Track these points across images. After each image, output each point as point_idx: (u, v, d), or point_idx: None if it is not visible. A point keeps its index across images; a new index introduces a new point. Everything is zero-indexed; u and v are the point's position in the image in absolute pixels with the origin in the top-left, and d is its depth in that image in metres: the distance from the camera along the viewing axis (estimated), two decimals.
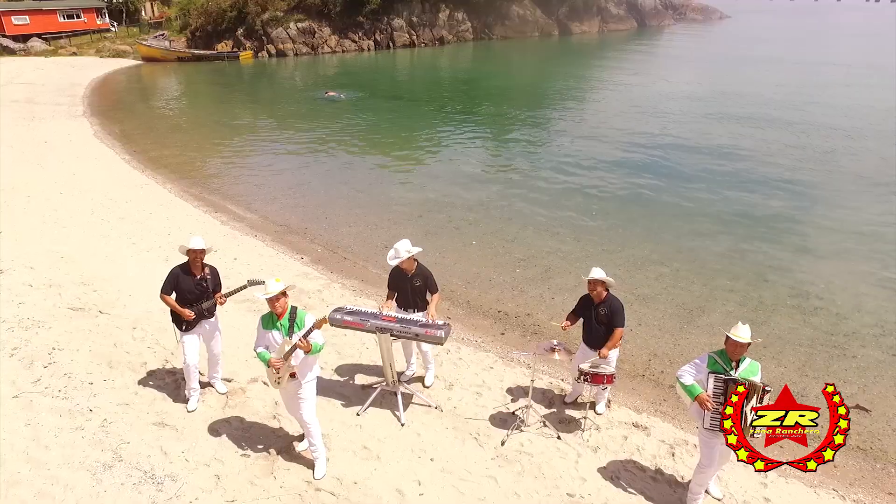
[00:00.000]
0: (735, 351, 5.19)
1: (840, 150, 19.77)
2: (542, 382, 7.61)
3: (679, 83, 34.21)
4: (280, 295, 5.37)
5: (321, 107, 28.21)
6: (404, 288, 6.89)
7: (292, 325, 5.43)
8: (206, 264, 6.56)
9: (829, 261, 11.58)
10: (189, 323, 6.43)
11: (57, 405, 6.47)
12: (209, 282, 6.52)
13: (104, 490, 5.34)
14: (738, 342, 5.12)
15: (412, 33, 52.75)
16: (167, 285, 6.42)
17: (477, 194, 15.48)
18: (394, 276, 6.98)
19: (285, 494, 5.47)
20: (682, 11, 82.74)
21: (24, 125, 22.37)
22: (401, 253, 6.66)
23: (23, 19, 49.52)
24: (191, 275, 6.43)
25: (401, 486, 5.70)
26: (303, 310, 5.57)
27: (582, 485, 5.87)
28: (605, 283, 6.46)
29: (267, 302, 5.40)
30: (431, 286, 6.94)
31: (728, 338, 5.21)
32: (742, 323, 5.20)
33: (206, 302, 6.47)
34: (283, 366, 5.34)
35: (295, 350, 5.30)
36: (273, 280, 5.41)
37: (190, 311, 6.35)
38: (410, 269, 6.85)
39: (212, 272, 6.58)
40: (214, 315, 6.66)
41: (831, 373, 8.17)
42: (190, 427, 6.31)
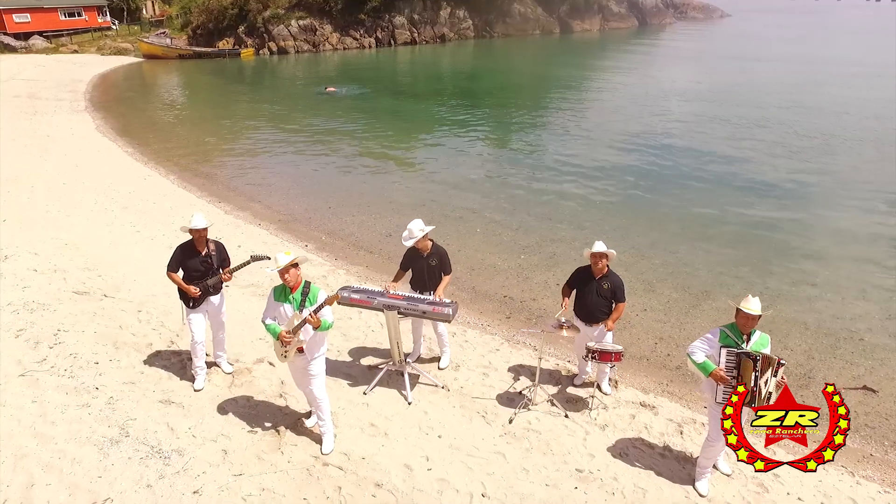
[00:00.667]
0: (746, 324, 5.17)
1: (843, 146, 19.74)
2: (549, 364, 7.59)
3: (682, 80, 34.19)
4: (290, 267, 5.33)
5: (322, 102, 28.20)
6: (419, 268, 6.84)
7: (304, 300, 5.40)
8: (212, 240, 6.54)
9: (834, 250, 11.55)
10: (195, 300, 6.41)
11: (63, 383, 6.45)
12: (214, 258, 6.50)
13: (111, 464, 5.32)
14: (749, 315, 5.10)
15: (413, 31, 52.77)
16: (173, 263, 6.40)
17: (480, 186, 15.47)
18: (409, 255, 6.93)
19: (293, 469, 5.45)
20: (683, 10, 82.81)
21: (27, 119, 22.36)
22: (415, 233, 6.63)
23: (24, 17, 49.51)
24: (196, 252, 6.41)
25: (409, 461, 5.68)
26: (316, 286, 5.52)
27: (591, 461, 5.85)
28: (608, 256, 6.45)
29: (278, 273, 5.37)
30: (446, 267, 6.91)
31: (738, 311, 5.19)
32: (752, 296, 5.19)
33: (212, 278, 6.45)
34: (292, 339, 5.32)
35: (304, 325, 5.27)
36: (282, 253, 5.37)
37: (195, 288, 6.33)
38: (426, 248, 6.81)
39: (217, 248, 6.55)
40: (220, 292, 6.63)
41: (838, 355, 8.16)
42: (196, 405, 6.29)
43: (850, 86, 31.60)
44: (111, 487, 5.05)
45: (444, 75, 39.30)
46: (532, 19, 60.68)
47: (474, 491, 5.35)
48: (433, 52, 49.73)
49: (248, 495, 5.08)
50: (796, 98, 28.00)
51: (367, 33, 50.83)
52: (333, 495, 5.17)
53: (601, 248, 6.41)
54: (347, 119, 24.26)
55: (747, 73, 37.01)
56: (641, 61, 43.13)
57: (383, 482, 5.37)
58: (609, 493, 5.44)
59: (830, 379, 7.65)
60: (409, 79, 38.24)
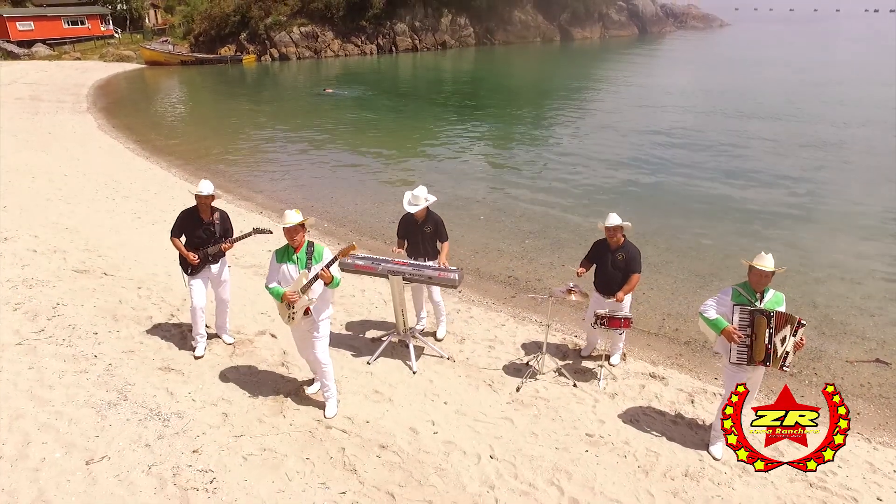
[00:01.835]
0: (759, 282, 5.05)
1: (850, 138, 19.68)
2: (556, 338, 7.46)
3: (680, 81, 34.23)
4: (298, 227, 5.22)
5: (323, 102, 28.25)
6: (415, 235, 6.75)
7: (310, 259, 5.28)
8: (216, 209, 6.45)
9: (842, 234, 11.43)
10: (195, 268, 6.30)
11: (61, 351, 6.33)
12: (217, 227, 6.40)
13: (109, 424, 5.19)
14: (762, 271, 4.98)
15: (415, 38, 52.97)
16: (176, 228, 6.32)
17: (483, 179, 15.41)
18: (404, 223, 6.84)
19: (295, 431, 5.31)
20: (683, 19, 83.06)
21: (28, 118, 22.36)
22: (420, 200, 6.53)
23: (27, 25, 49.76)
24: (199, 219, 6.32)
25: (414, 425, 5.54)
26: (320, 244, 5.41)
27: (601, 426, 5.70)
28: (622, 227, 6.34)
29: (284, 233, 5.25)
30: (442, 234, 6.80)
31: (751, 268, 5.08)
32: (765, 252, 5.07)
33: (212, 247, 6.33)
34: (299, 299, 5.19)
35: (315, 282, 5.15)
36: (292, 211, 5.26)
37: (195, 255, 6.22)
38: (421, 216, 6.72)
39: (221, 217, 6.46)
40: (221, 261, 6.51)
41: (849, 330, 8.02)
42: (196, 372, 6.17)
43: (840, 84, 31.62)
44: (108, 446, 4.91)
45: (446, 79, 39.38)
46: (533, 27, 60.91)
47: (482, 452, 5.21)
48: (434, 58, 49.88)
49: (249, 454, 4.94)
50: (788, 97, 27.98)
51: (369, 40, 51.03)
52: (337, 456, 5.03)
53: (615, 222, 6.30)
54: (349, 119, 24.27)
55: (741, 75, 37.03)
56: (641, 64, 43.23)
57: (388, 444, 5.23)
58: (621, 455, 5.30)
59: (842, 352, 7.55)
60: (411, 81, 38.36)
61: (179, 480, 4.57)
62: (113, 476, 4.58)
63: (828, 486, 5.03)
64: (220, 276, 6.52)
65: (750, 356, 5.06)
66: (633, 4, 72.80)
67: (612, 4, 69.96)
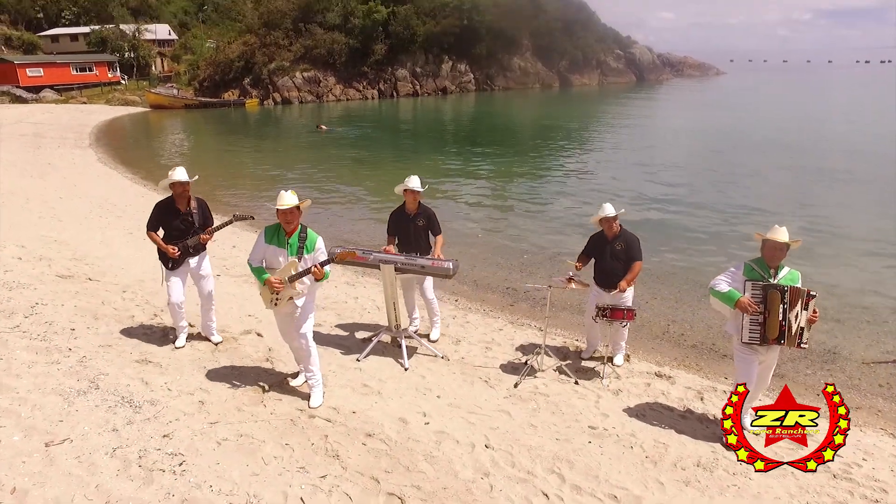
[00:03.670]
0: (773, 256, 4.77)
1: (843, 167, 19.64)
2: (556, 341, 7.13)
3: (680, 121, 34.58)
4: (294, 209, 4.98)
5: (322, 140, 28.48)
6: (406, 229, 6.51)
7: (302, 246, 5.01)
8: (196, 197, 6.20)
9: (846, 248, 11.19)
10: (175, 262, 6.01)
11: (34, 345, 5.99)
12: (196, 216, 6.11)
13: (76, 410, 4.82)
14: (777, 243, 4.71)
15: (415, 83, 53.94)
16: (152, 221, 6.06)
17: (481, 206, 15.30)
18: (395, 217, 6.62)
19: (275, 419, 4.94)
20: (680, 68, 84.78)
21: (30, 152, 22.44)
22: (410, 184, 6.35)
23: (37, 71, 50.84)
24: (176, 209, 6.05)
25: (404, 415, 5.16)
26: (314, 231, 5.14)
27: (605, 420, 5.32)
28: (618, 217, 6.11)
29: (278, 215, 5.01)
30: (435, 227, 6.57)
31: (764, 242, 4.80)
32: (779, 225, 4.80)
33: (191, 238, 6.04)
34: (284, 289, 4.91)
35: (305, 275, 4.89)
36: (288, 192, 5.03)
37: (174, 248, 5.94)
38: (413, 208, 6.50)
39: (199, 205, 6.17)
40: (201, 255, 6.20)
41: (863, 335, 7.67)
42: (175, 364, 5.82)
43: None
44: (72, 430, 4.53)
45: (446, 119, 39.90)
46: (532, 73, 62.08)
47: (477, 442, 4.82)
48: (435, 103, 50.65)
49: (224, 439, 4.55)
50: (780, 132, 28.14)
51: (370, 85, 51.96)
52: (319, 443, 4.64)
53: (610, 212, 6.06)
54: (348, 153, 24.40)
55: (733, 117, 37.42)
56: (639, 107, 43.77)
57: (375, 433, 4.85)
58: (627, 447, 4.90)
59: (859, 354, 7.18)
60: (410, 121, 38.84)
61: (145, 462, 4.19)
62: (73, 458, 4.20)
63: (853, 477, 4.63)
64: (199, 269, 6.19)
65: (763, 335, 4.74)
66: (631, 53, 74.46)
67: (610, 52, 71.52)
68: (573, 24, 65.35)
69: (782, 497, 4.36)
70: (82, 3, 64.23)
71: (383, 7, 51.80)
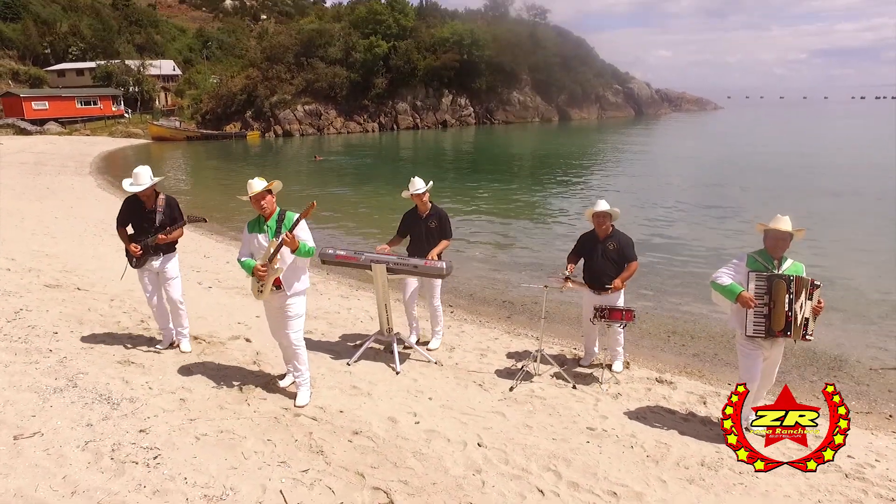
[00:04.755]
0: (776, 246, 4.61)
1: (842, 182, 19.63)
2: (553, 349, 6.91)
3: (680, 151, 34.80)
4: (265, 192, 4.88)
5: (318, 167, 28.64)
6: (418, 231, 6.38)
7: (280, 227, 4.89)
8: (165, 196, 6.01)
9: (847, 257, 11.08)
10: (137, 259, 5.84)
11: (13, 346, 5.80)
12: (159, 215, 5.85)
13: (50, 406, 4.61)
14: (780, 233, 4.56)
15: (416, 116, 54.54)
16: (120, 216, 5.92)
17: (479, 223, 15.18)
18: (407, 218, 6.53)
19: (259, 416, 4.72)
20: (678, 103, 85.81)
21: (30, 177, 22.51)
22: (416, 184, 6.24)
23: (42, 105, 51.55)
24: (141, 206, 5.87)
25: (394, 415, 4.94)
26: (292, 212, 5.02)
27: (604, 421, 5.09)
28: (611, 215, 5.97)
29: (251, 202, 4.91)
30: (446, 230, 6.45)
31: (767, 232, 4.65)
32: (781, 214, 4.66)
33: (152, 237, 5.82)
34: (267, 270, 4.76)
35: (280, 249, 4.73)
36: (257, 179, 4.94)
37: (136, 245, 5.77)
38: (425, 209, 6.39)
39: (167, 203, 5.93)
40: (167, 256, 5.92)
41: (871, 331, 7.51)
42: (158, 365, 5.62)
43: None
44: (44, 425, 4.32)
45: (446, 149, 40.16)
46: (532, 107, 62.84)
47: (469, 440, 4.59)
48: (435, 135, 51.13)
49: (203, 435, 4.34)
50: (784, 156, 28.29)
51: (371, 118, 52.53)
52: (303, 439, 4.42)
53: (604, 208, 5.93)
54: (348, 179, 24.45)
55: (739, 143, 37.70)
56: (638, 140, 44.14)
57: (362, 430, 4.63)
58: (627, 447, 4.67)
59: (866, 362, 6.97)
60: (410, 152, 39.06)
61: (118, 455, 3.97)
62: (42, 450, 3.98)
63: (867, 476, 4.39)
64: (163, 270, 5.91)
65: (768, 327, 4.56)
66: (629, 87, 75.46)
67: (609, 87, 72.48)
68: (572, 59, 66.41)
69: (792, 495, 4.13)
70: (89, 40, 65.47)
71: (384, 42, 52.70)
